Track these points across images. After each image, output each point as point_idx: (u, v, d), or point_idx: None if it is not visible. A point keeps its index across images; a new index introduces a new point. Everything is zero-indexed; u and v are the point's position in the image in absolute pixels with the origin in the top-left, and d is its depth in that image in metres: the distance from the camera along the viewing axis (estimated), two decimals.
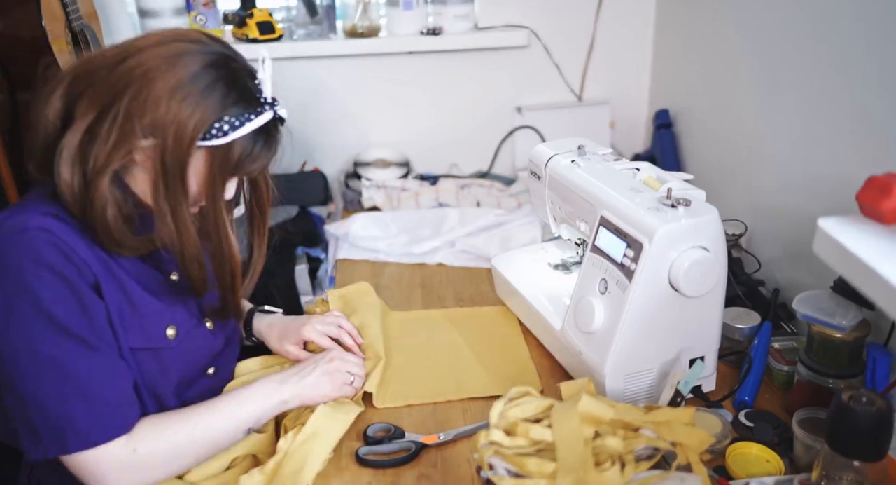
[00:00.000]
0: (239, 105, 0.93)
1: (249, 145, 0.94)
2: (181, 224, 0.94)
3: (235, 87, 0.93)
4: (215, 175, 0.94)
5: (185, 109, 0.89)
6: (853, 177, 0.96)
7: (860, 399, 0.77)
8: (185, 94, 0.89)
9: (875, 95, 1.08)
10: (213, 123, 0.91)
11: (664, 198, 1.02)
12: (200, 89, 0.90)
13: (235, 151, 0.93)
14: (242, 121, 0.92)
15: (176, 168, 0.91)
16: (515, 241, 1.59)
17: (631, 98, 1.96)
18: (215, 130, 0.91)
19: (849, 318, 0.99)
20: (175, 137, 0.90)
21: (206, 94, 0.90)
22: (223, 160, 0.93)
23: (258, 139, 0.95)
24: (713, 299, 1.05)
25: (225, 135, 0.92)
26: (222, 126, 0.91)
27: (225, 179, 0.95)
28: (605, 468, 0.89)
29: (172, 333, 1.02)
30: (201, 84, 0.90)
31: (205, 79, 0.91)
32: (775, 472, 0.95)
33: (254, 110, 0.94)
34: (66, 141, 0.91)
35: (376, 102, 1.92)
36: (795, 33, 1.27)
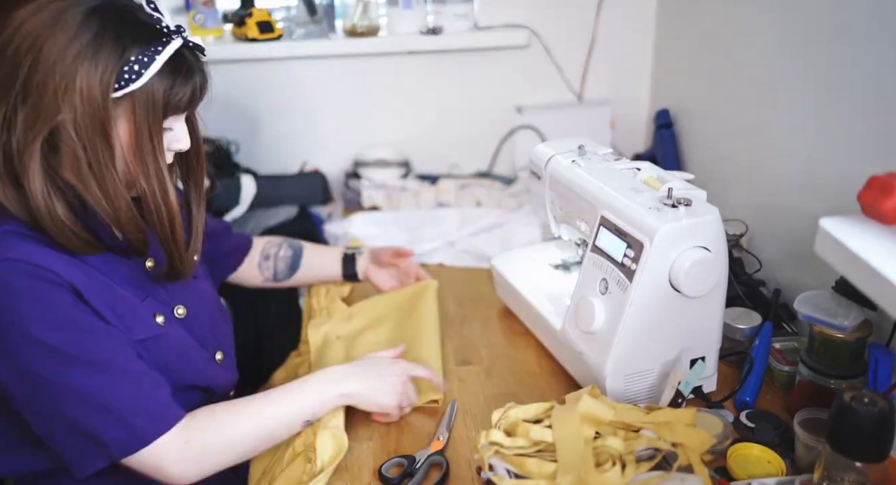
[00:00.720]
0: (139, 43, 0.86)
1: (168, 80, 0.88)
2: (110, 187, 0.89)
3: (127, 24, 0.86)
4: (143, 122, 0.88)
5: (83, 64, 0.83)
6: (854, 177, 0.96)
7: (862, 400, 0.77)
8: (77, 49, 0.83)
9: (876, 95, 1.08)
10: (122, 69, 0.85)
11: (665, 198, 1.02)
12: (90, 39, 0.84)
13: (157, 90, 0.87)
14: (150, 56, 0.86)
15: (96, 127, 0.85)
16: (515, 241, 1.59)
17: (631, 98, 1.95)
18: (125, 74, 0.85)
19: (850, 318, 0.99)
20: (83, 97, 0.84)
21: (98, 42, 0.84)
22: (146, 103, 0.87)
23: (177, 71, 0.89)
24: (714, 300, 1.04)
25: (138, 77, 0.85)
26: (132, 67, 0.85)
27: (157, 124, 0.89)
28: (605, 469, 0.89)
29: (161, 319, 1.00)
30: (89, 33, 0.84)
31: (92, 27, 0.84)
32: (776, 473, 0.94)
33: (159, 42, 0.87)
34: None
35: (376, 102, 1.91)
36: (796, 33, 1.26)
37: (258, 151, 1.87)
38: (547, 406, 1.00)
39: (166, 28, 0.89)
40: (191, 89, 0.91)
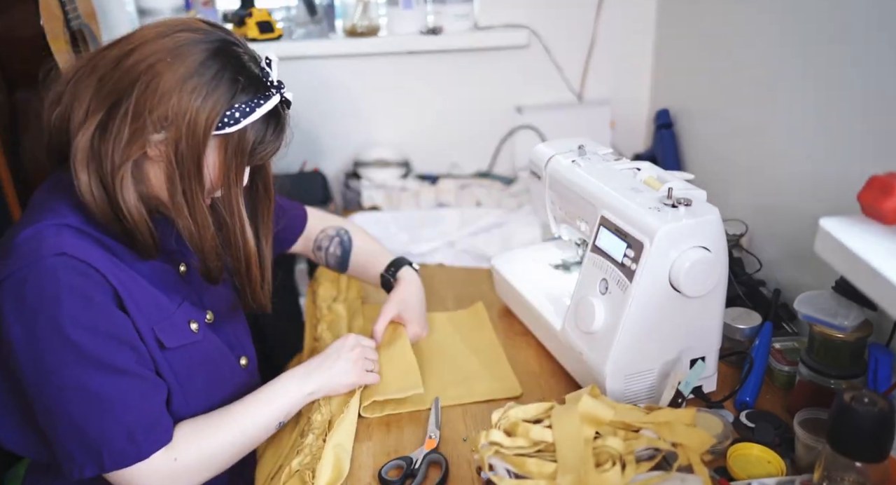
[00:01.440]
0: (247, 91, 0.92)
1: (262, 131, 0.94)
2: (199, 216, 0.94)
3: (242, 73, 0.92)
4: (230, 163, 0.93)
5: (196, 100, 0.89)
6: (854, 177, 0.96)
7: (862, 400, 0.77)
8: (195, 84, 0.89)
9: (876, 95, 1.08)
10: (225, 112, 0.91)
11: (665, 198, 1.02)
12: (209, 78, 0.90)
13: (249, 138, 0.93)
14: (252, 107, 0.92)
15: (191, 160, 0.91)
16: (515, 241, 1.59)
17: (631, 98, 1.95)
18: (227, 117, 0.91)
19: (850, 318, 0.99)
20: (188, 129, 0.89)
21: (215, 83, 0.90)
22: (237, 148, 0.93)
23: (269, 124, 0.95)
24: (714, 300, 1.04)
25: (237, 122, 0.91)
26: (234, 113, 0.91)
27: (241, 167, 0.95)
28: (605, 469, 0.89)
29: (196, 326, 1.03)
30: (209, 73, 0.90)
31: (212, 67, 0.90)
32: (776, 473, 0.94)
33: (262, 95, 0.93)
34: (78, 142, 0.90)
35: (376, 102, 1.91)
36: (796, 33, 1.26)
37: None
38: (547, 406, 1.00)
39: (271, 83, 0.95)
40: (278, 145, 0.99)
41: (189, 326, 1.02)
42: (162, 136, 0.90)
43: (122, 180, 0.90)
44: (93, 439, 0.88)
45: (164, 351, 0.98)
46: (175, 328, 0.99)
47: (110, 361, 0.90)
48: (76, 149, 0.90)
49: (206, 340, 1.04)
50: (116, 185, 0.90)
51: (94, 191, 0.91)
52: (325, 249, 1.35)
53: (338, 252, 1.35)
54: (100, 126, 0.89)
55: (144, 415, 0.92)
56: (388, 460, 1.01)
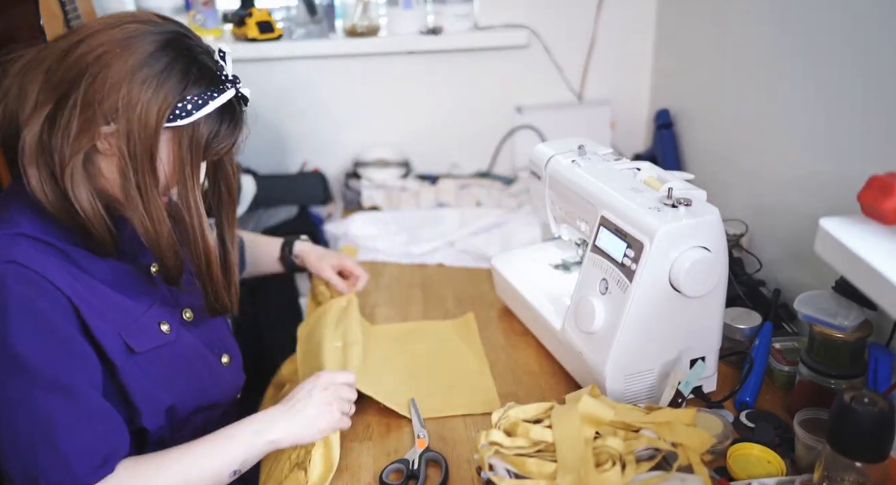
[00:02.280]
0: (200, 83, 0.90)
1: (216, 125, 0.92)
2: (154, 212, 0.91)
3: (194, 65, 0.90)
4: (185, 158, 0.90)
5: (146, 91, 0.86)
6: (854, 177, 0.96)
7: (862, 400, 0.76)
8: (145, 75, 0.86)
9: (876, 95, 1.08)
10: (176, 104, 0.88)
11: (665, 198, 1.02)
12: (159, 70, 0.87)
13: (202, 131, 0.90)
14: (205, 99, 0.90)
15: (144, 153, 0.88)
16: (515, 241, 1.59)
17: (631, 98, 1.95)
18: (178, 109, 0.88)
19: (850, 318, 0.99)
20: (139, 121, 0.86)
21: (165, 74, 0.87)
22: (190, 142, 0.90)
23: (224, 118, 0.92)
24: (714, 300, 1.04)
25: (189, 114, 0.89)
26: (185, 105, 0.88)
27: (195, 162, 0.92)
28: (605, 469, 0.88)
29: (167, 327, 1.00)
30: (160, 64, 0.87)
31: (162, 59, 0.88)
32: (776, 473, 0.94)
33: (216, 88, 0.91)
34: (26, 136, 0.87)
35: (376, 102, 1.91)
36: (796, 33, 1.26)
37: (258, 151, 1.87)
38: (547, 406, 1.00)
39: (225, 76, 0.93)
40: (233, 140, 0.95)
41: (160, 328, 0.99)
42: (112, 128, 0.87)
43: (72, 174, 0.87)
44: (31, 464, 0.84)
45: (134, 355, 0.95)
46: (144, 331, 0.96)
47: (55, 380, 0.85)
48: (24, 144, 0.87)
49: (179, 341, 1.01)
50: (66, 179, 0.87)
51: (44, 187, 0.88)
52: None
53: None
54: (48, 119, 0.87)
55: (87, 443, 0.86)
56: (388, 462, 1.01)
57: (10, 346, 0.84)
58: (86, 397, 0.87)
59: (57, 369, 0.86)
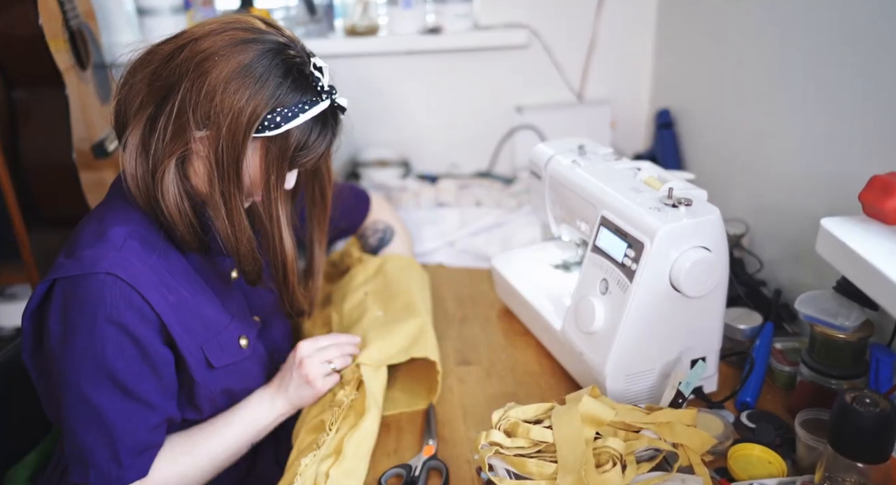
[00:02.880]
0: (294, 94, 0.91)
1: (304, 136, 0.93)
2: (235, 218, 0.94)
3: (290, 75, 0.91)
4: (270, 167, 0.93)
5: (238, 99, 0.88)
6: (856, 176, 0.96)
7: (863, 400, 0.76)
8: (240, 83, 0.88)
9: (877, 95, 1.08)
10: (267, 114, 0.90)
11: (665, 198, 1.02)
12: (255, 79, 0.89)
13: (291, 142, 0.92)
14: (296, 111, 0.91)
15: (230, 160, 0.90)
16: (515, 241, 1.58)
17: (632, 98, 1.95)
18: (268, 121, 0.90)
19: (851, 318, 0.99)
20: (229, 128, 0.88)
21: (260, 84, 0.89)
22: (278, 151, 0.92)
23: (314, 129, 0.94)
24: (714, 300, 1.04)
25: (278, 126, 0.90)
26: (275, 117, 0.90)
27: (282, 171, 0.94)
28: (605, 470, 0.88)
29: (245, 342, 1.04)
30: (256, 73, 0.89)
31: (259, 68, 0.89)
32: (777, 473, 0.94)
33: (309, 99, 0.92)
34: (129, 135, 0.91)
35: (376, 102, 1.91)
36: (797, 33, 1.26)
37: None
38: (547, 406, 0.99)
39: (321, 88, 0.94)
40: (321, 151, 0.96)
41: (239, 343, 1.03)
42: (204, 133, 0.90)
43: (162, 175, 0.91)
44: (85, 450, 0.91)
45: (212, 370, 1.00)
46: (224, 346, 1.01)
47: (125, 384, 0.91)
48: (127, 141, 0.91)
49: (253, 356, 1.06)
50: (157, 179, 0.91)
51: (139, 184, 0.92)
52: (366, 238, 1.40)
53: (374, 244, 1.40)
54: (149, 120, 0.90)
55: (138, 442, 0.93)
56: (386, 461, 1.00)
57: (93, 347, 0.89)
58: (152, 405, 0.94)
59: (131, 377, 0.91)
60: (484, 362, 1.23)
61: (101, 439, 0.91)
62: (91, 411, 0.90)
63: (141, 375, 0.92)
